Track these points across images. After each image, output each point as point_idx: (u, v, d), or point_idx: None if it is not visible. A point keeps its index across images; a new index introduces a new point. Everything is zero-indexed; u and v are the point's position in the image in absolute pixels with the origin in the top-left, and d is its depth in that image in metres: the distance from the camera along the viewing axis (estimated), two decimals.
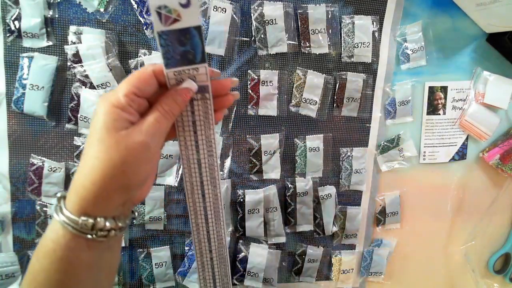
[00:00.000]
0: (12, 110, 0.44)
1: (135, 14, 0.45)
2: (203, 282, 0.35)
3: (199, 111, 0.29)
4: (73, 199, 0.25)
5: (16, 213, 0.46)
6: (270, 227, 0.52)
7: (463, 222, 0.61)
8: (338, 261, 0.56)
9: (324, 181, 0.54)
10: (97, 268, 0.27)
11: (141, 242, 0.50)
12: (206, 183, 0.31)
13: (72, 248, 0.25)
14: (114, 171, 0.24)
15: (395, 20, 0.52)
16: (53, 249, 0.24)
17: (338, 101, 0.53)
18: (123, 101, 0.25)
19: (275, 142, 0.51)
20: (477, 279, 0.62)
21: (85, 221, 0.24)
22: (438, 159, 0.57)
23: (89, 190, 0.24)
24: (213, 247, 0.34)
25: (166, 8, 0.24)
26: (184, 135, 0.30)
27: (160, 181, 0.49)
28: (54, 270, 0.24)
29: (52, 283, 0.25)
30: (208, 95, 0.29)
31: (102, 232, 0.25)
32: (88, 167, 0.24)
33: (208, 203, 0.32)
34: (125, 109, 0.25)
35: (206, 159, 0.31)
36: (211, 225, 0.33)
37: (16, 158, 0.45)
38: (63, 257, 0.24)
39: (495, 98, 0.55)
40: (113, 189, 0.25)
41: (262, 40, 0.48)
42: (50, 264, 0.24)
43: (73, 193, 0.25)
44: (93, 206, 0.24)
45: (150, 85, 0.27)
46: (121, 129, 0.25)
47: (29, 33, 0.43)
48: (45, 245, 0.25)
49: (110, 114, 0.24)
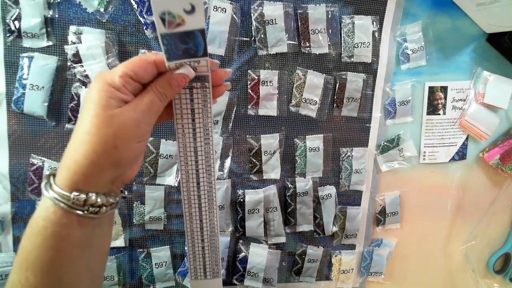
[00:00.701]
0: (12, 110, 0.44)
1: (135, 14, 0.45)
2: (193, 271, 0.35)
3: (198, 99, 0.30)
4: (64, 174, 0.24)
5: (16, 213, 0.46)
6: (270, 227, 0.52)
7: (463, 222, 0.61)
8: (338, 261, 0.56)
9: (324, 181, 0.54)
10: (88, 247, 0.27)
11: (141, 242, 0.50)
12: (202, 171, 0.31)
13: (63, 224, 0.24)
14: (107, 146, 0.24)
15: (395, 20, 0.52)
16: (44, 226, 0.24)
17: (338, 101, 0.53)
18: (118, 81, 0.25)
19: (275, 142, 0.51)
20: (477, 279, 0.62)
21: (77, 196, 0.24)
22: (438, 159, 0.57)
23: (81, 164, 0.24)
24: (205, 236, 0.34)
25: (170, 14, 0.24)
26: (182, 123, 0.30)
27: (160, 181, 0.49)
28: (46, 248, 0.24)
29: (43, 262, 0.24)
30: (208, 84, 0.29)
31: (93, 208, 0.25)
32: (80, 141, 0.24)
33: (203, 191, 0.32)
34: (120, 89, 0.25)
35: (203, 147, 0.31)
36: (204, 214, 0.33)
37: (16, 158, 0.45)
38: (55, 234, 0.24)
39: (495, 98, 0.55)
40: (105, 164, 0.25)
41: (262, 40, 0.48)
42: (41, 242, 0.24)
43: (64, 169, 0.25)
44: (84, 181, 0.24)
45: (148, 73, 0.27)
46: (115, 107, 0.25)
47: (29, 33, 0.43)
48: (35, 223, 0.25)
49: (104, 91, 0.25)
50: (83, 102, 0.26)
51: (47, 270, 0.24)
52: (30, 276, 0.24)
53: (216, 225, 0.34)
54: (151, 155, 0.48)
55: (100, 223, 0.27)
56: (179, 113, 0.30)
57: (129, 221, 0.49)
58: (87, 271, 0.27)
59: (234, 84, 0.49)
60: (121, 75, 0.25)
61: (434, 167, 0.58)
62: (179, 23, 0.25)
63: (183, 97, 0.29)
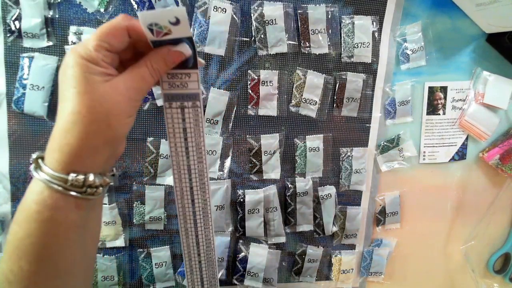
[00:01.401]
0: (12, 110, 0.44)
1: (135, 14, 0.45)
2: (191, 284, 0.35)
3: (190, 119, 0.30)
4: (57, 157, 0.23)
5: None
6: (270, 227, 0.52)
7: (463, 222, 0.61)
8: (338, 261, 0.57)
9: (324, 181, 0.54)
10: (83, 229, 0.26)
11: (141, 242, 0.50)
12: (196, 188, 0.32)
13: (60, 207, 0.23)
14: (100, 125, 0.24)
15: (395, 20, 0.52)
16: (38, 211, 0.23)
17: (338, 101, 0.53)
18: (95, 56, 0.24)
19: (275, 142, 0.51)
20: (477, 279, 0.62)
21: (75, 178, 0.23)
22: (438, 159, 0.57)
23: (75, 146, 0.23)
24: (202, 251, 0.34)
25: (157, 25, 0.25)
26: (175, 142, 0.30)
27: (160, 181, 0.49)
28: (42, 234, 0.23)
29: (39, 249, 0.23)
30: (199, 103, 0.30)
31: (91, 189, 0.24)
32: (70, 122, 0.23)
33: (198, 208, 0.33)
34: (99, 63, 0.24)
35: (196, 165, 0.31)
36: (200, 229, 0.33)
37: (16, 158, 0.45)
38: (51, 218, 0.23)
39: (495, 98, 0.55)
40: (99, 144, 0.24)
41: (262, 40, 0.48)
42: (36, 228, 0.23)
43: (55, 152, 0.23)
44: (80, 162, 0.24)
45: (121, 42, 0.25)
46: (100, 83, 0.24)
47: (29, 33, 0.43)
48: (27, 209, 0.23)
49: (85, 67, 0.23)
50: (60, 80, 0.24)
51: (43, 257, 0.23)
52: (24, 264, 0.23)
53: (212, 241, 0.34)
54: (151, 155, 0.48)
55: (94, 204, 0.27)
56: (172, 132, 0.30)
57: (129, 221, 0.49)
58: (83, 256, 0.27)
59: (234, 84, 0.49)
60: (96, 49, 0.24)
61: (434, 167, 0.58)
62: (166, 33, 0.25)
63: (175, 116, 0.29)
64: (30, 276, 0.23)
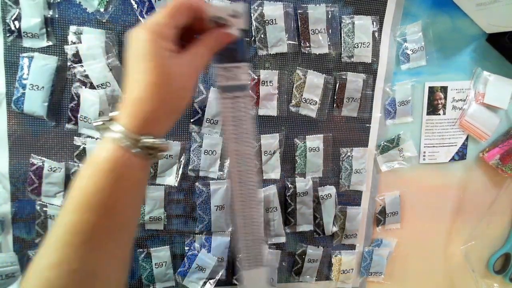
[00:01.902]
0: (12, 110, 0.44)
1: (135, 14, 0.45)
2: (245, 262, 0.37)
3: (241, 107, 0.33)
4: (131, 121, 0.25)
5: (16, 213, 0.46)
6: (270, 227, 0.52)
7: (463, 222, 0.61)
8: (338, 261, 0.56)
9: (324, 181, 0.54)
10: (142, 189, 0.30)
11: (141, 242, 0.50)
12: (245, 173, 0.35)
13: (130, 166, 0.26)
14: (172, 96, 0.27)
15: (395, 20, 0.52)
16: (110, 169, 0.25)
17: (338, 101, 0.53)
18: (167, 33, 0.26)
19: (275, 142, 0.51)
20: (477, 279, 0.62)
21: (145, 140, 0.26)
22: (438, 159, 0.57)
23: (150, 113, 0.26)
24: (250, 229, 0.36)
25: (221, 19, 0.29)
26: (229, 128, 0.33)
27: (160, 181, 0.49)
28: (114, 189, 0.25)
29: (109, 202, 0.25)
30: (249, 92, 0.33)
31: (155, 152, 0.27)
32: (149, 92, 0.25)
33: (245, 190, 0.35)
34: (169, 40, 0.27)
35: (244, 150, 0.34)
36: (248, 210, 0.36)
37: (16, 158, 0.45)
38: (123, 175, 0.25)
39: (495, 98, 0.55)
40: (171, 113, 0.28)
41: (262, 40, 0.48)
42: (108, 183, 0.25)
43: (130, 117, 0.26)
44: (152, 127, 0.26)
45: (186, 20, 0.28)
46: (170, 58, 0.26)
47: (29, 33, 0.43)
48: (100, 165, 0.25)
49: (158, 43, 0.26)
50: (132, 53, 0.26)
51: (111, 211, 0.25)
52: (91, 217, 0.25)
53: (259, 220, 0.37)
54: None
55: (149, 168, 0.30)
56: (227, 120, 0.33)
57: None
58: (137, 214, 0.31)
59: None
60: (167, 26, 0.26)
61: (434, 167, 0.58)
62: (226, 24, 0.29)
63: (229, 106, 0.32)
64: (95, 228, 0.25)
